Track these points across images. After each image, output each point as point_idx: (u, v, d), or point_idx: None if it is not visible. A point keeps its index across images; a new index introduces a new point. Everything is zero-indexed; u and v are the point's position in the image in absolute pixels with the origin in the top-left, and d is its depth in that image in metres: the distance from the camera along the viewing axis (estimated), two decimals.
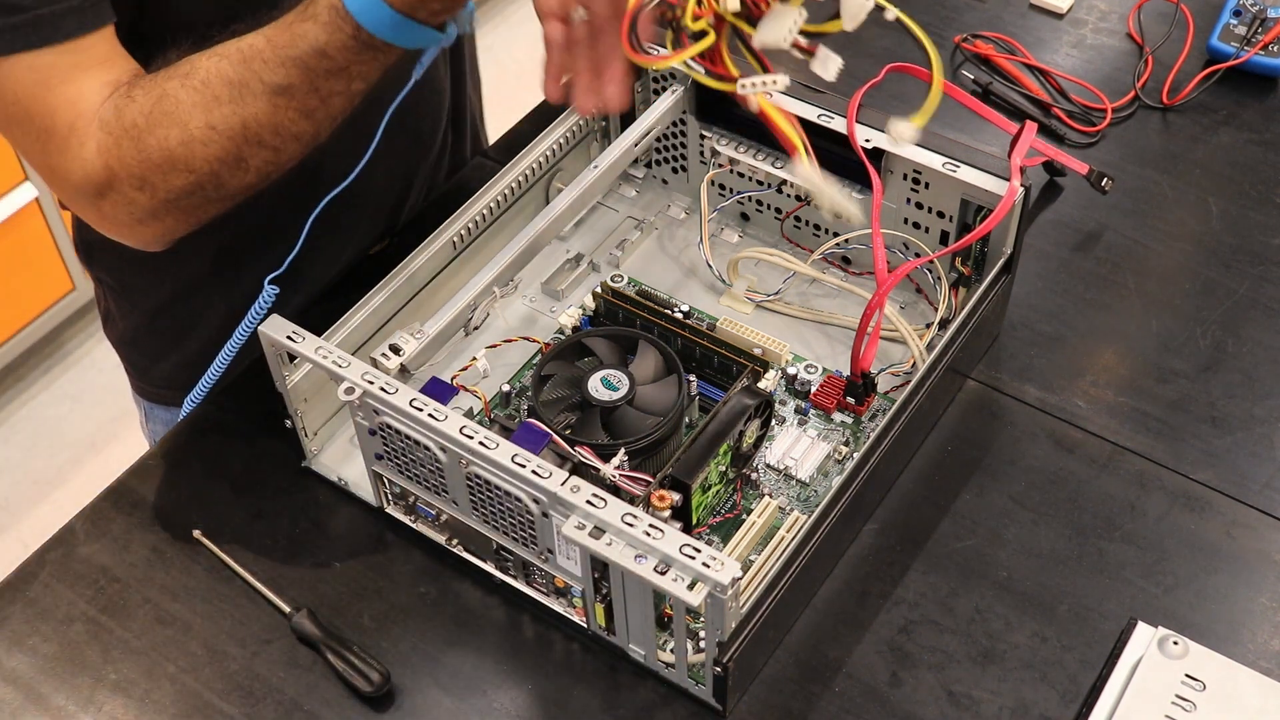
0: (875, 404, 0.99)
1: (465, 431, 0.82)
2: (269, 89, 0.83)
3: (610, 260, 1.10)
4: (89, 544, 0.96)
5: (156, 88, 0.84)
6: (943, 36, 1.33)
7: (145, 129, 0.84)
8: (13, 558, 0.96)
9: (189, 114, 0.84)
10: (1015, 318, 1.08)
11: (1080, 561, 0.93)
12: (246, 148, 0.85)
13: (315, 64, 0.83)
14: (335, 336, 0.91)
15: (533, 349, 1.03)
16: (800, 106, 1.00)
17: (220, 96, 0.83)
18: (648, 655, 0.87)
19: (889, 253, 1.03)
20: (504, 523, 0.86)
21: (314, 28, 0.82)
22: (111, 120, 0.85)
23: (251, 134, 0.84)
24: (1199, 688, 0.83)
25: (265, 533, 0.95)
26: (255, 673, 0.88)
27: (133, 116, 0.85)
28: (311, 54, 0.82)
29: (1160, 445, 1.00)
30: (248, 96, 0.83)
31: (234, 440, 1.01)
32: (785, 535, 0.90)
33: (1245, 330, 1.07)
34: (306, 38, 0.82)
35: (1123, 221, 1.16)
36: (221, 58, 0.84)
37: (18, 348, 2.23)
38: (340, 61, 0.83)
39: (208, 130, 0.84)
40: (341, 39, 0.82)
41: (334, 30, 0.82)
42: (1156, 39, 1.30)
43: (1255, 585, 0.92)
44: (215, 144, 0.84)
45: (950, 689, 0.87)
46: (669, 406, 0.91)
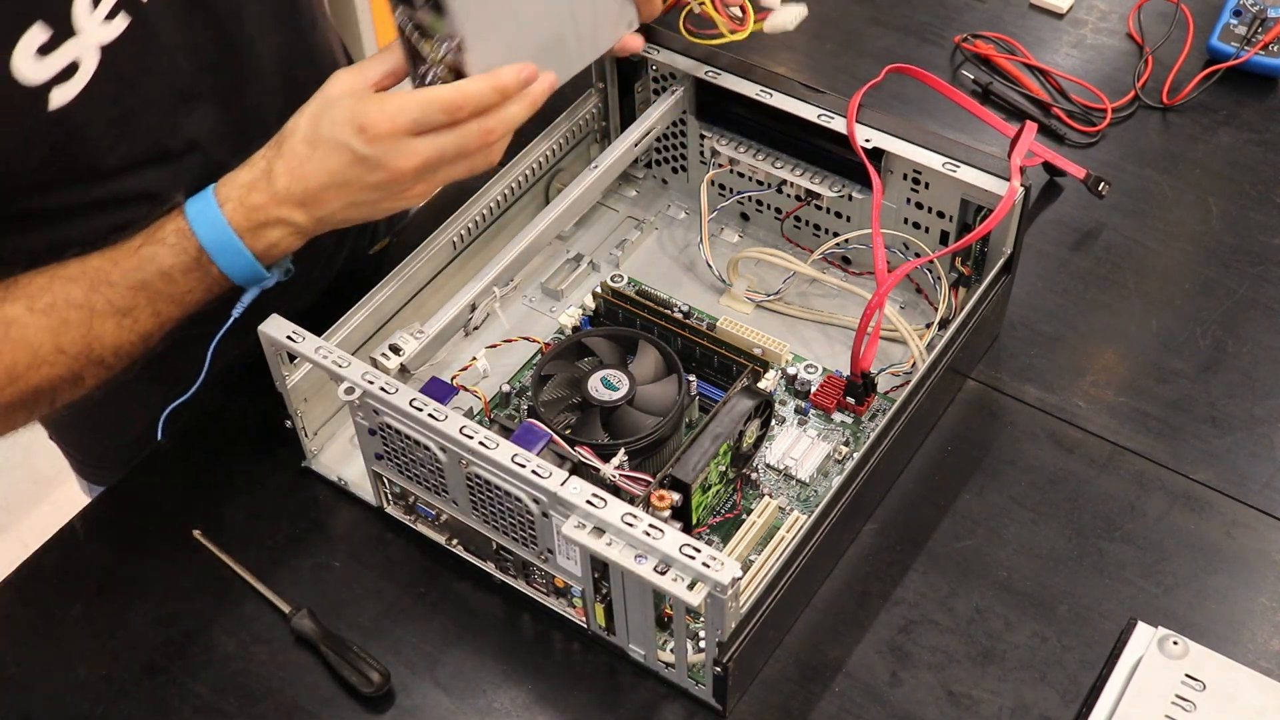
0: (875, 404, 0.99)
1: (465, 431, 0.82)
2: (115, 311, 0.86)
3: (610, 260, 1.10)
4: (89, 544, 0.96)
5: (1, 313, 0.85)
6: (943, 36, 1.33)
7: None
8: (13, 558, 0.96)
9: (38, 338, 0.85)
10: (1015, 318, 1.08)
11: (1080, 561, 0.93)
12: (89, 367, 0.87)
13: (160, 287, 0.86)
14: (335, 336, 0.91)
15: (533, 349, 1.03)
16: (800, 106, 1.00)
17: (69, 320, 0.85)
18: (648, 655, 0.87)
19: (889, 253, 1.03)
20: (504, 523, 0.86)
21: (161, 250, 0.85)
22: None
23: (94, 354, 0.86)
24: (1199, 688, 0.83)
25: (265, 533, 0.95)
26: (255, 673, 0.88)
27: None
28: (157, 276, 0.85)
29: (1160, 445, 1.00)
30: (95, 320, 0.85)
31: (234, 440, 1.01)
32: (785, 535, 0.90)
33: (1245, 330, 1.07)
34: (154, 260, 0.85)
35: (1123, 221, 1.16)
36: (69, 281, 0.85)
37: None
38: (182, 286, 0.86)
39: (56, 353, 0.85)
40: (185, 261, 0.85)
41: (179, 253, 0.85)
42: (1156, 39, 1.30)
43: (1255, 585, 0.92)
44: (61, 365, 0.86)
45: (950, 689, 0.87)
46: (669, 406, 0.91)
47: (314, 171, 0.84)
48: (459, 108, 0.83)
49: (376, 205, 0.86)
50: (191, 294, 0.87)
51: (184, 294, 0.87)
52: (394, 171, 0.83)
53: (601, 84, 1.10)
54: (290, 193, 0.84)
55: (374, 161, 0.83)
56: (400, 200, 0.86)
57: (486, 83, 0.84)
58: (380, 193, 0.85)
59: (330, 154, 0.83)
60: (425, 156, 0.83)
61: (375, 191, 0.84)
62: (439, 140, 0.83)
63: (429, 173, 0.84)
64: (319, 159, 0.84)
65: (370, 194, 0.85)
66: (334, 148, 0.83)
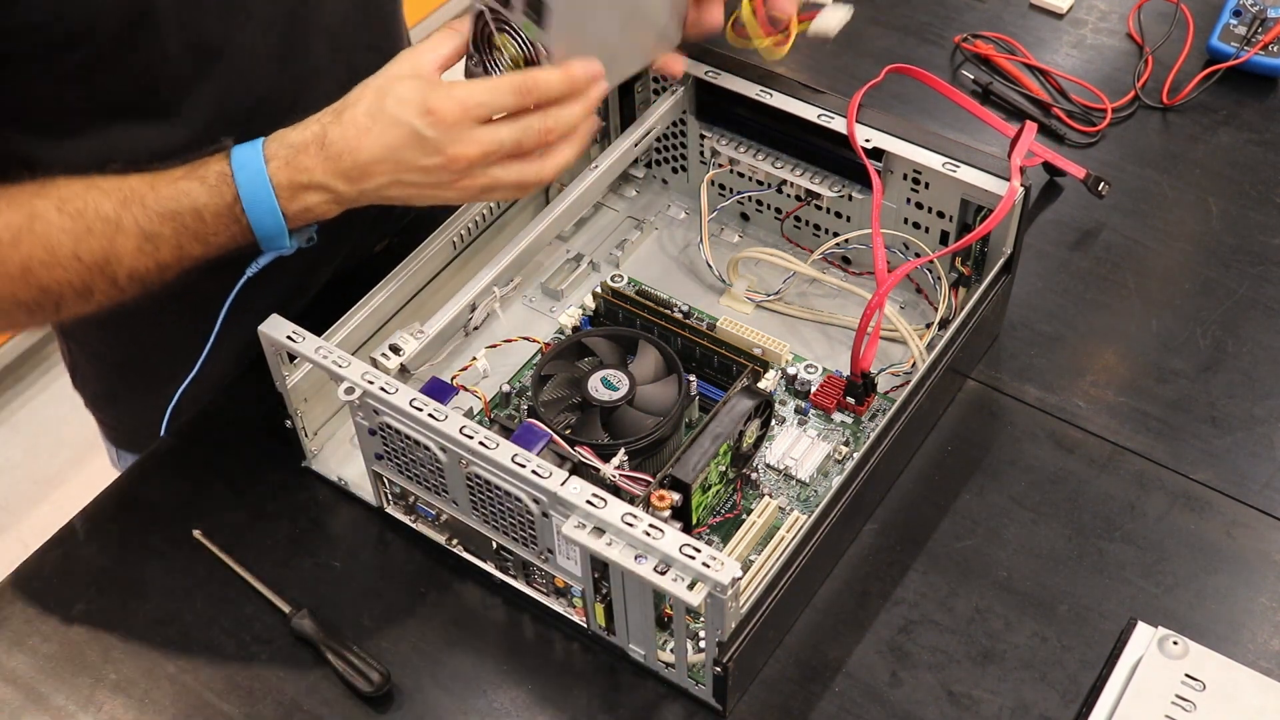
0: (875, 404, 0.99)
1: (465, 431, 0.82)
2: (140, 233, 0.85)
3: (610, 260, 1.10)
4: (89, 544, 0.96)
5: (26, 205, 0.85)
6: (943, 36, 1.33)
7: (9, 243, 0.85)
8: (13, 558, 0.96)
9: (59, 239, 0.85)
10: (1015, 318, 1.08)
11: (1080, 561, 0.93)
12: (100, 281, 0.87)
13: (189, 223, 0.85)
14: (335, 336, 0.91)
15: (533, 349, 1.03)
16: (800, 106, 1.00)
17: (93, 230, 0.85)
18: (648, 655, 0.87)
19: (889, 253, 1.03)
20: (504, 523, 0.86)
21: (199, 188, 0.85)
22: None
23: (109, 270, 0.86)
24: (1199, 688, 0.83)
25: (265, 533, 0.95)
26: (255, 673, 0.88)
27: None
28: (189, 212, 0.85)
29: (1160, 445, 1.00)
30: (119, 236, 0.85)
31: (234, 440, 1.01)
32: (785, 535, 0.90)
33: (1245, 330, 1.07)
34: (190, 195, 0.85)
35: (1123, 221, 1.16)
36: (103, 193, 0.85)
37: (18, 348, 2.23)
38: (210, 227, 0.86)
39: (73, 259, 0.85)
40: (219, 205, 0.85)
41: (216, 195, 0.85)
42: (1156, 39, 1.30)
43: (1255, 585, 0.92)
44: (74, 272, 0.85)
45: (950, 689, 0.87)
46: (669, 406, 0.91)
47: (370, 144, 0.84)
48: (528, 91, 0.84)
49: (421, 189, 0.86)
50: (217, 237, 0.86)
51: (210, 235, 0.86)
52: (450, 157, 0.83)
53: None
54: (341, 161, 0.84)
55: (433, 144, 0.83)
56: (444, 191, 0.86)
57: (558, 72, 0.85)
58: (429, 177, 0.84)
59: (391, 129, 0.83)
60: (483, 147, 0.83)
61: (425, 174, 0.84)
62: (498, 132, 0.84)
63: (482, 166, 0.84)
64: (378, 132, 0.84)
65: (419, 176, 0.84)
66: (396, 123, 0.83)
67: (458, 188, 0.86)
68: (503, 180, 0.86)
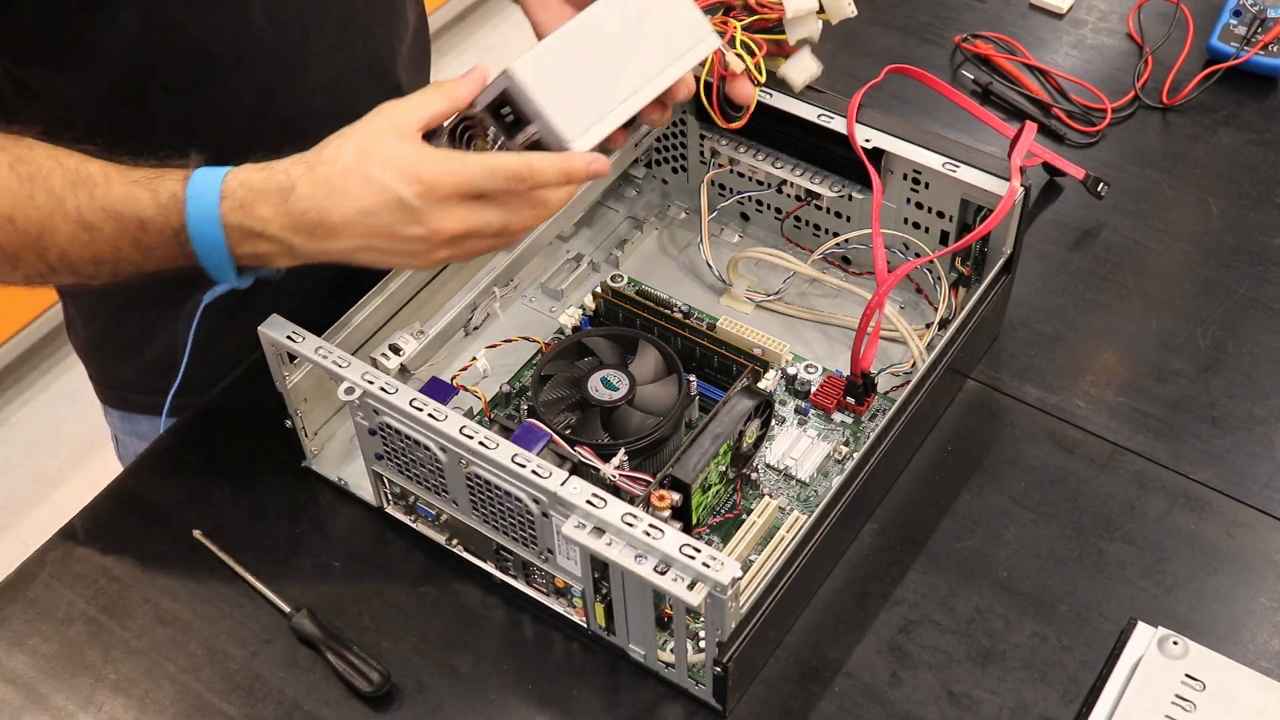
0: (875, 404, 0.99)
1: (465, 431, 0.82)
2: (80, 220, 0.81)
3: (610, 260, 1.10)
4: (89, 544, 0.96)
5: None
6: (943, 36, 1.33)
7: None
8: (13, 558, 0.96)
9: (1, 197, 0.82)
10: (1015, 318, 1.08)
11: (1080, 561, 0.93)
12: (28, 253, 0.83)
13: (130, 228, 0.81)
14: (335, 336, 0.91)
15: (533, 349, 1.03)
16: (800, 106, 1.00)
17: (35, 199, 0.81)
18: (648, 655, 0.87)
19: (889, 253, 1.03)
20: (504, 523, 0.86)
21: (149, 200, 0.81)
22: None
23: (40, 245, 0.83)
24: (1199, 688, 0.83)
25: (265, 533, 0.95)
26: (255, 673, 0.88)
27: None
28: (133, 219, 0.81)
29: (1160, 445, 1.00)
30: (58, 215, 0.81)
31: (234, 440, 1.01)
32: (785, 535, 0.90)
33: (1245, 330, 1.07)
34: (139, 203, 0.81)
35: (1123, 221, 1.16)
36: (60, 167, 0.82)
37: (18, 348, 2.23)
38: (152, 240, 0.82)
39: (7, 220, 0.81)
40: (164, 226, 0.81)
41: (163, 215, 0.81)
42: (1156, 39, 1.30)
43: (1255, 585, 0.92)
44: (5, 233, 0.82)
45: (950, 689, 0.87)
46: (669, 406, 0.91)
47: (345, 207, 0.79)
48: (523, 180, 0.80)
49: (389, 256, 0.81)
50: (157, 251, 0.82)
51: (150, 247, 0.82)
52: (432, 230, 0.79)
53: None
54: (305, 219, 0.80)
55: (417, 215, 0.79)
56: (412, 260, 0.82)
57: (557, 164, 0.81)
58: (403, 246, 0.80)
59: (370, 194, 0.79)
60: (468, 225, 0.80)
61: (400, 243, 0.80)
62: (486, 213, 0.80)
63: (461, 241, 0.81)
64: (355, 194, 0.79)
65: (392, 244, 0.80)
66: (380, 190, 0.79)
67: (428, 259, 0.82)
68: (474, 251, 0.83)
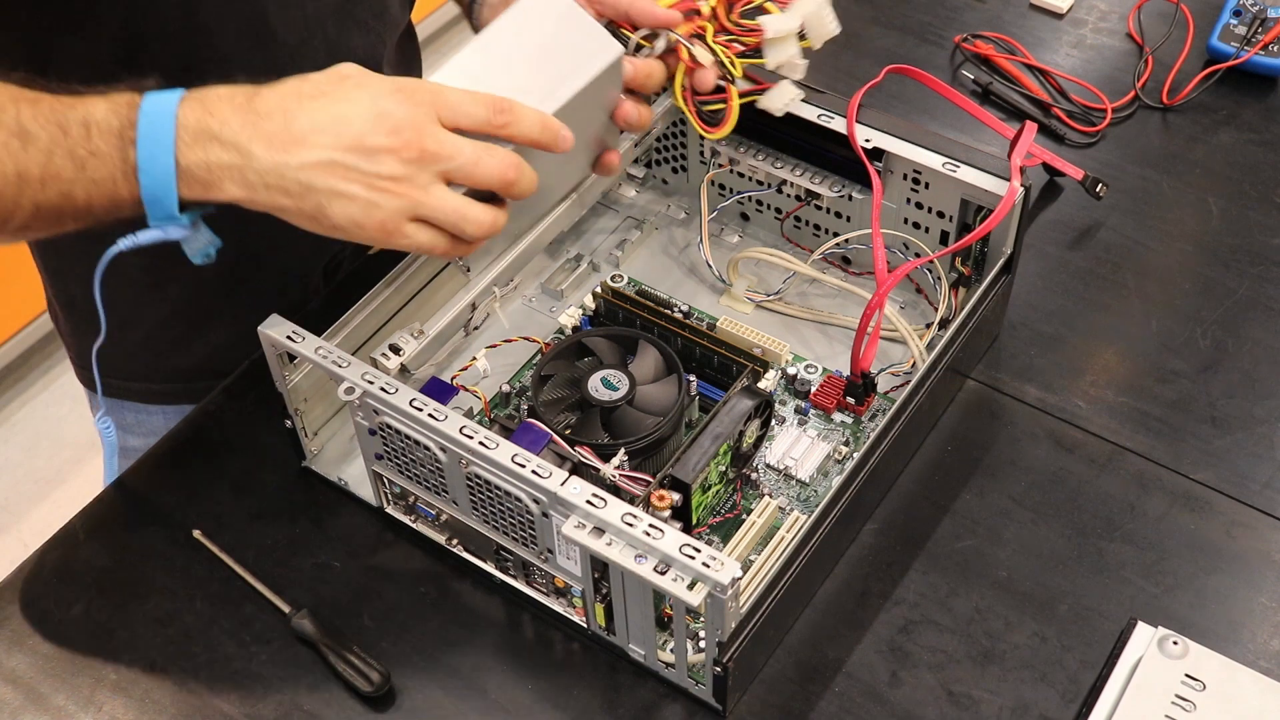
0: (875, 404, 0.99)
1: (465, 431, 0.82)
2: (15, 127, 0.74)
3: (610, 260, 1.10)
4: (89, 544, 0.96)
5: None
6: (943, 36, 1.33)
7: None
8: (13, 558, 0.96)
9: None
10: (1015, 318, 1.08)
11: (1080, 561, 0.93)
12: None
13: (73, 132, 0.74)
14: (335, 336, 0.91)
15: (533, 349, 1.03)
16: (800, 107, 1.00)
17: None
18: (648, 655, 0.87)
19: (889, 253, 1.03)
20: (504, 523, 0.86)
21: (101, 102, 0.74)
22: None
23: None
24: (1199, 688, 0.83)
25: (265, 533, 0.95)
26: (255, 673, 0.88)
27: None
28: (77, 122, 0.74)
29: (1160, 445, 1.00)
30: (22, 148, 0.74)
31: (234, 440, 1.01)
32: (785, 535, 0.90)
33: (1245, 330, 1.07)
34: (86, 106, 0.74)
35: (1123, 221, 1.16)
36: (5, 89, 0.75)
37: (18, 348, 2.23)
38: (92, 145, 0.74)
39: None
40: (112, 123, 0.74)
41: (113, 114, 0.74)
42: (1156, 39, 1.30)
43: (1255, 585, 0.92)
44: None
45: (950, 689, 0.87)
46: (669, 406, 0.91)
47: (314, 110, 0.73)
48: (503, 111, 0.77)
49: (351, 181, 0.74)
50: (94, 161, 0.73)
51: (87, 155, 0.73)
52: (403, 141, 0.73)
53: None
54: (268, 120, 0.73)
55: (391, 121, 0.73)
56: (377, 193, 0.74)
57: (536, 113, 0.79)
58: (370, 164, 0.73)
59: (347, 97, 0.74)
60: (442, 146, 0.75)
61: (367, 159, 0.73)
62: (460, 141, 0.76)
63: (431, 171, 0.75)
64: (330, 98, 0.74)
65: (359, 159, 0.73)
66: (357, 92, 0.74)
67: (394, 193, 0.75)
68: (439, 208, 0.76)
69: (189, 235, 0.77)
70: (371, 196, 0.74)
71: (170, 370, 1.12)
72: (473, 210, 0.78)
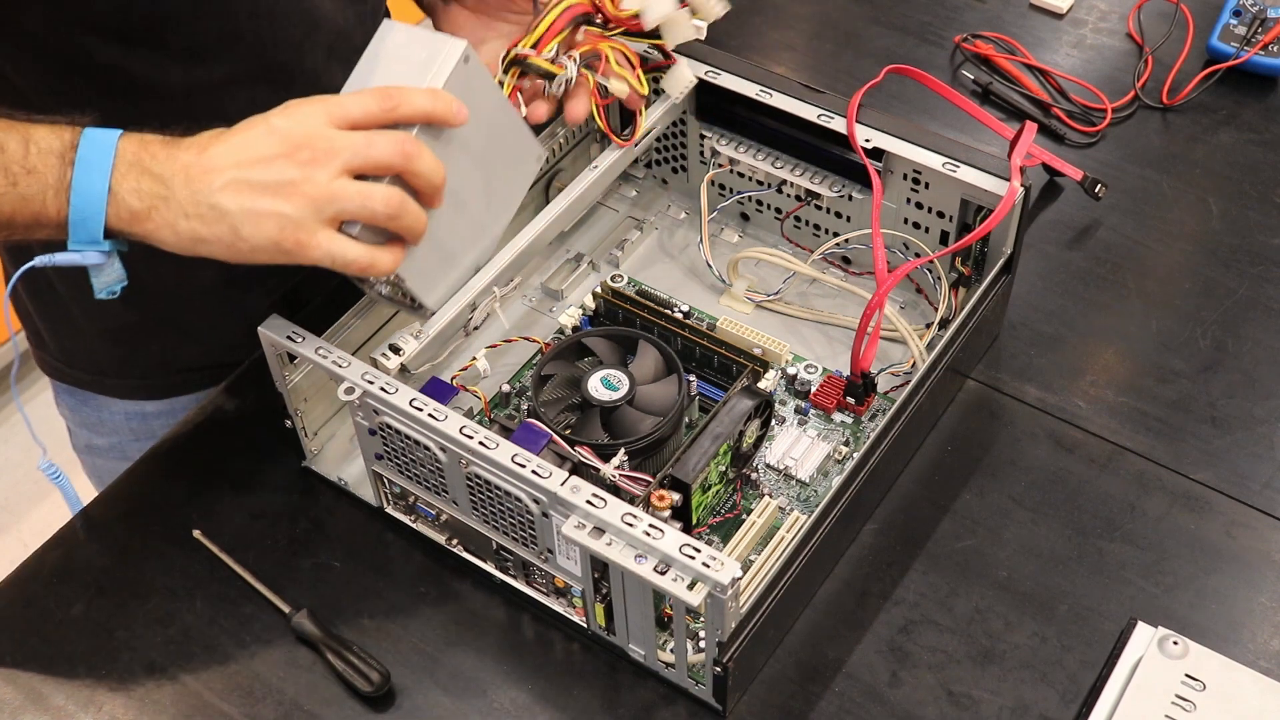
0: (875, 404, 0.99)
1: (465, 431, 0.82)
2: None
3: (610, 260, 1.10)
4: (89, 544, 0.96)
5: None
6: (943, 36, 1.33)
7: None
8: (13, 558, 0.96)
9: None
10: (1015, 318, 1.08)
11: (1080, 561, 0.93)
12: None
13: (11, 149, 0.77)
14: (335, 336, 0.91)
15: (533, 349, 1.03)
16: (800, 106, 1.00)
17: None
18: (648, 655, 0.87)
19: (889, 253, 1.03)
20: (504, 523, 0.86)
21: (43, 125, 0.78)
22: None
23: None
24: (1199, 688, 0.83)
25: (265, 533, 0.95)
26: (255, 673, 0.88)
27: None
28: (17, 140, 0.77)
29: (1160, 445, 1.00)
30: None
31: (234, 440, 1.01)
32: (785, 535, 0.90)
33: (1245, 330, 1.07)
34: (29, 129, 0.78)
35: (1123, 221, 1.16)
36: None
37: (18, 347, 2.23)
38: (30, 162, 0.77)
39: None
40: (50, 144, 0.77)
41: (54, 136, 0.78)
42: (1156, 39, 1.30)
43: (1255, 585, 0.92)
44: None
45: (950, 689, 0.87)
46: (669, 406, 0.91)
47: (220, 142, 0.78)
48: (390, 96, 0.80)
49: (255, 191, 0.77)
50: (29, 178, 0.77)
51: (22, 173, 0.76)
52: (294, 145, 0.77)
53: None
54: (185, 151, 0.78)
55: (281, 132, 0.77)
56: (283, 199, 0.77)
57: (426, 92, 0.81)
58: (269, 172, 0.77)
59: (245, 127, 0.79)
60: (332, 142, 0.78)
61: (265, 168, 0.77)
62: (350, 135, 0.79)
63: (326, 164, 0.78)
64: (233, 132, 0.79)
65: (260, 171, 0.77)
66: (259, 119, 0.79)
67: (297, 194, 0.77)
68: (341, 195, 0.78)
69: (103, 264, 0.80)
70: (276, 205, 0.77)
71: (131, 364, 1.12)
72: (378, 189, 0.79)
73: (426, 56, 0.84)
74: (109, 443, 1.16)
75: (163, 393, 1.12)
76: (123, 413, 1.14)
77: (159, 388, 1.12)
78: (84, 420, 1.17)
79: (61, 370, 1.16)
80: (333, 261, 0.79)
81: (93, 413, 1.15)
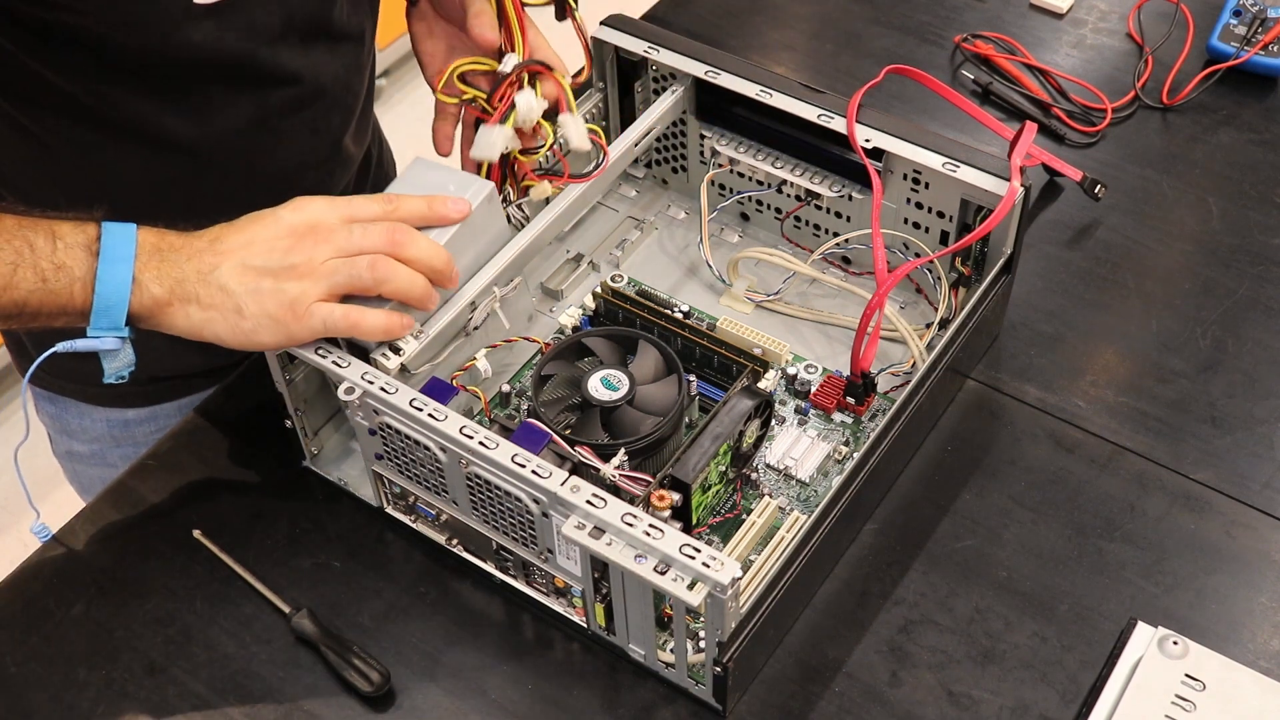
0: (875, 404, 0.99)
1: (465, 431, 0.82)
2: None
3: (610, 260, 1.10)
4: (89, 544, 0.96)
5: None
6: (943, 36, 1.33)
7: None
8: (13, 558, 0.96)
9: None
10: (1015, 318, 1.08)
11: (1080, 561, 0.93)
12: None
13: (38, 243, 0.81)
14: None
15: (533, 349, 1.03)
16: (800, 106, 1.00)
17: None
18: (648, 655, 0.87)
19: (889, 253, 1.03)
20: (504, 523, 0.86)
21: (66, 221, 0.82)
22: None
23: None
24: (1199, 688, 0.83)
25: (265, 533, 0.95)
26: (255, 673, 0.88)
27: None
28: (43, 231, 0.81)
29: (1160, 445, 1.00)
30: None
31: (234, 440, 1.01)
32: (785, 535, 0.90)
33: (1245, 330, 1.07)
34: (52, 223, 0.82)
35: (1122, 221, 1.16)
36: None
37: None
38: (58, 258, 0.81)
39: None
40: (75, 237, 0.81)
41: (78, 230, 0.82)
42: (1156, 39, 1.31)
43: (1255, 585, 0.92)
44: None
45: (950, 689, 0.87)
46: (669, 406, 0.91)
47: (232, 229, 0.85)
48: (389, 200, 0.88)
49: (258, 284, 0.83)
50: (57, 274, 0.81)
51: (52, 269, 0.80)
52: (299, 237, 0.84)
53: (602, 84, 1.10)
54: (200, 239, 0.84)
55: (286, 222, 0.85)
56: (284, 281, 0.83)
57: (422, 200, 0.89)
58: (273, 256, 0.83)
59: (262, 218, 0.85)
60: (334, 231, 0.85)
61: (268, 251, 0.83)
62: (348, 228, 0.85)
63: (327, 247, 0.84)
64: (250, 219, 0.85)
65: (263, 255, 0.83)
66: (269, 212, 0.86)
67: (297, 275, 0.83)
68: (336, 270, 0.84)
69: (118, 350, 0.84)
70: (278, 284, 0.84)
71: None
72: (362, 257, 0.85)
73: (455, 189, 0.92)
74: (90, 449, 1.16)
75: (145, 400, 1.12)
76: (104, 420, 1.14)
77: (141, 395, 1.12)
78: (64, 427, 1.17)
79: (42, 378, 1.16)
80: (326, 328, 0.85)
81: (74, 419, 1.16)
